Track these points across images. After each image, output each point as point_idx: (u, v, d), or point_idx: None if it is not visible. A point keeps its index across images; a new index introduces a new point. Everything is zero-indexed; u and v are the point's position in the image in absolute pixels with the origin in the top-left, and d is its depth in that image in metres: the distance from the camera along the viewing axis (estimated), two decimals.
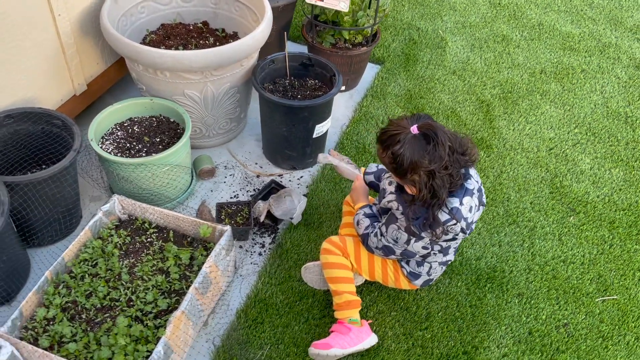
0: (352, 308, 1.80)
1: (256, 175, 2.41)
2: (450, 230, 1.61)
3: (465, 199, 1.60)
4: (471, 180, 1.64)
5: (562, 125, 2.77)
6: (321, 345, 1.75)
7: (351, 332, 1.77)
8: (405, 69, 3.03)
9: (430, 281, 1.88)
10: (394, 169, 1.57)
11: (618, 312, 1.99)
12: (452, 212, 1.58)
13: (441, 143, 1.50)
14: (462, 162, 1.57)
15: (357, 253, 1.87)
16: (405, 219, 1.65)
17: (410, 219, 1.63)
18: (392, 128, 1.56)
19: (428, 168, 1.51)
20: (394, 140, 1.53)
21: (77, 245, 1.86)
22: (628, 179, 2.51)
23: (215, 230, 1.91)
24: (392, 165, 1.57)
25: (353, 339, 1.76)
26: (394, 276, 1.86)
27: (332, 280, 1.85)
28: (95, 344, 1.62)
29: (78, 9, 2.15)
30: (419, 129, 1.52)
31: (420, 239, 1.67)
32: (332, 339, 1.76)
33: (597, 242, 2.23)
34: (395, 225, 1.69)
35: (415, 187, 1.56)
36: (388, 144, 1.55)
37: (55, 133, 2.02)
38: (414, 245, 1.69)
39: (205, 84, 2.15)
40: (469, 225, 1.63)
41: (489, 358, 1.84)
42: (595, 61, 3.22)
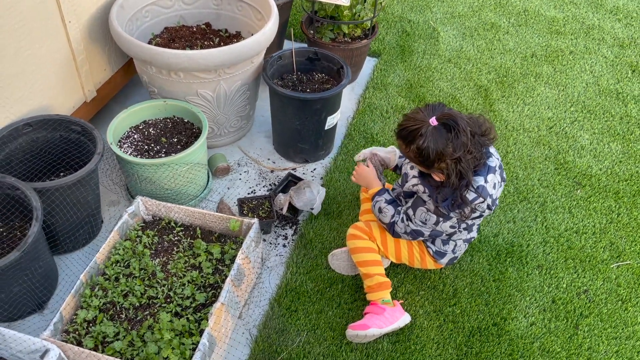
0: (383, 289, 1.85)
1: (270, 170, 2.44)
2: (478, 208, 1.67)
3: (489, 176, 1.66)
4: (492, 158, 1.70)
5: (558, 105, 2.87)
6: (359, 327, 1.79)
7: (385, 312, 1.81)
8: (402, 60, 3.10)
9: (455, 259, 1.94)
10: (420, 162, 1.63)
11: (633, 276, 2.08)
12: (478, 191, 1.64)
13: (462, 130, 1.56)
14: (483, 143, 1.63)
15: (383, 236, 1.92)
16: (433, 202, 1.70)
17: (438, 201, 1.68)
18: (411, 123, 1.60)
19: (453, 156, 1.56)
20: (415, 134, 1.58)
21: (107, 247, 1.87)
22: (626, 152, 2.62)
23: (242, 223, 1.94)
24: (419, 159, 1.62)
25: (388, 319, 1.81)
26: (419, 257, 1.91)
27: (361, 264, 1.89)
28: (140, 341, 1.64)
29: (86, 16, 2.16)
30: (438, 120, 1.57)
31: (448, 219, 1.72)
32: (368, 319, 1.81)
33: (605, 212, 2.32)
34: (424, 208, 1.74)
35: (443, 174, 1.62)
36: (410, 140, 1.60)
37: (73, 139, 2.03)
38: (442, 226, 1.75)
39: (218, 82, 2.18)
40: (494, 201, 1.69)
41: (518, 327, 1.90)
42: (581, 43, 3.34)
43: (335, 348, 1.81)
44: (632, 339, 1.89)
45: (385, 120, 2.70)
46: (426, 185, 1.72)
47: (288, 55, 2.42)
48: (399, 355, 1.81)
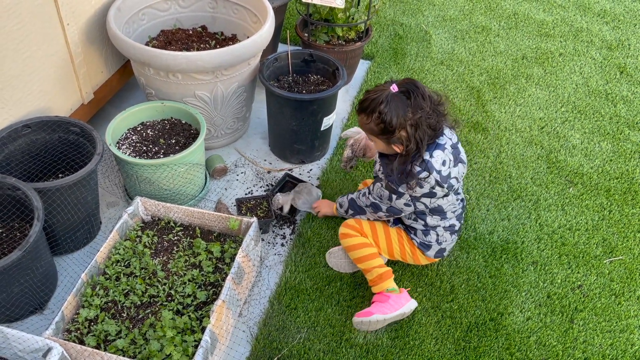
0: (385, 279, 1.88)
1: (267, 171, 2.46)
2: (425, 182, 1.70)
3: (436, 152, 1.70)
4: (443, 137, 1.74)
5: (549, 105, 2.92)
6: (363, 314, 1.83)
7: (390, 299, 1.84)
8: (395, 63, 3.14)
9: (444, 251, 1.94)
10: (381, 130, 1.66)
11: (626, 271, 2.12)
12: (422, 164, 1.69)
13: (421, 93, 1.63)
14: (439, 113, 1.68)
15: (374, 232, 1.94)
16: (385, 177, 1.77)
17: (387, 175, 1.75)
18: (372, 94, 1.67)
19: (412, 120, 1.62)
20: (377, 102, 1.64)
21: (107, 247, 1.87)
22: (616, 150, 2.67)
23: (242, 222, 1.96)
24: (380, 127, 1.65)
25: (393, 305, 1.84)
26: (410, 251, 1.94)
27: (358, 261, 1.92)
28: (142, 339, 1.65)
29: (84, 18, 2.17)
30: (399, 86, 1.64)
31: (399, 195, 1.77)
32: (373, 307, 1.85)
33: (597, 210, 2.36)
34: (379, 183, 1.84)
35: (402, 144, 1.66)
36: (372, 109, 1.65)
37: (72, 140, 2.04)
38: (396, 202, 1.80)
39: (215, 84, 2.20)
40: (445, 178, 1.71)
41: (514, 322, 1.93)
42: (570, 45, 3.40)
43: (335, 344, 1.83)
44: (626, 332, 1.93)
45: None
46: (382, 163, 1.80)
47: (284, 57, 2.45)
48: (398, 350, 1.83)
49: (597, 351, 1.87)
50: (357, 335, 1.86)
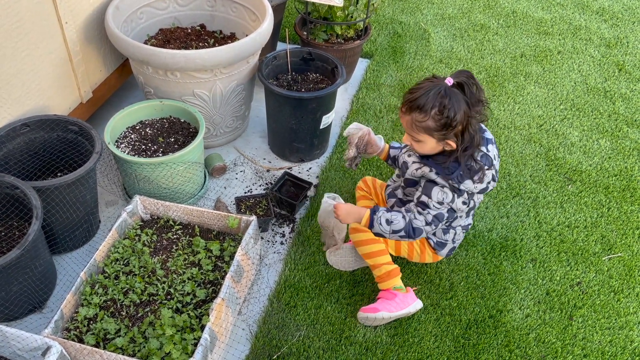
0: (393, 277, 1.88)
1: (266, 169, 2.46)
2: (485, 176, 1.69)
3: (489, 146, 1.72)
4: (487, 132, 1.75)
5: (548, 103, 2.92)
6: (369, 310, 1.83)
7: (397, 298, 1.85)
8: (394, 61, 3.14)
9: (454, 249, 1.96)
10: (442, 125, 1.59)
11: (624, 268, 2.13)
12: (484, 157, 1.69)
13: (475, 84, 1.60)
14: (484, 104, 1.66)
15: None
16: (444, 177, 1.68)
17: (448, 174, 1.67)
18: (423, 89, 1.58)
19: (469, 114, 1.59)
20: (435, 96, 1.56)
21: (106, 246, 1.87)
22: (615, 148, 2.67)
23: (241, 221, 1.96)
24: (440, 123, 1.58)
25: (399, 304, 1.84)
26: (419, 249, 1.94)
27: (367, 256, 1.91)
28: (141, 337, 1.65)
29: (82, 17, 2.17)
30: (454, 78, 1.59)
31: (460, 193, 1.72)
32: (379, 304, 1.85)
33: (596, 207, 2.36)
34: (437, 187, 1.71)
35: (457, 140, 1.62)
36: (432, 103, 1.57)
37: (70, 139, 2.04)
38: (457, 202, 1.73)
39: (214, 82, 2.20)
40: (497, 173, 1.74)
41: (513, 319, 1.94)
42: (569, 43, 3.40)
43: (335, 342, 1.83)
44: (625, 329, 1.93)
45: (379, 119, 2.74)
46: (432, 164, 1.71)
47: (283, 55, 2.45)
48: (397, 347, 1.83)
49: (596, 348, 1.87)
50: (356, 333, 1.86)
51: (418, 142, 1.69)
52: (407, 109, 1.63)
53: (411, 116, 1.62)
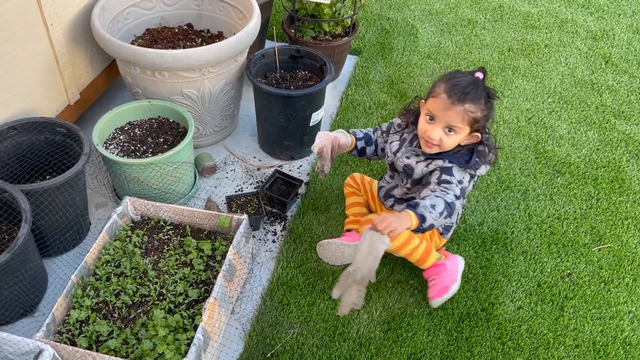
0: (430, 252, 1.92)
1: (257, 168, 2.46)
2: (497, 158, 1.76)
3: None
4: None
5: (536, 97, 2.94)
6: (441, 292, 1.88)
7: (447, 264, 1.91)
8: (383, 57, 3.15)
9: (455, 231, 2.04)
10: (485, 116, 1.64)
11: (614, 258, 2.15)
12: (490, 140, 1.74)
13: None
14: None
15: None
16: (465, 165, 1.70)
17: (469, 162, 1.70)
18: (465, 78, 1.62)
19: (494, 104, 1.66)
20: (481, 87, 1.61)
21: (97, 248, 1.86)
22: (603, 139, 2.69)
23: (232, 220, 1.96)
24: (485, 113, 1.63)
25: (453, 268, 1.92)
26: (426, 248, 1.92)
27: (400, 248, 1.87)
28: (134, 338, 1.64)
29: (68, 18, 2.16)
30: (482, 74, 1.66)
31: (472, 177, 1.76)
32: (441, 280, 1.90)
33: (585, 198, 2.38)
34: (456, 167, 1.70)
35: (482, 132, 1.68)
36: (480, 93, 1.61)
37: (58, 141, 2.03)
38: (469, 185, 1.78)
39: (202, 81, 2.19)
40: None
41: (505, 312, 1.95)
42: (556, 36, 3.42)
43: (329, 339, 1.84)
44: (616, 319, 1.95)
45: (368, 115, 2.74)
46: (445, 156, 1.71)
47: (271, 53, 2.44)
48: (391, 343, 1.84)
49: (588, 338, 1.89)
50: (350, 329, 1.87)
51: (451, 136, 1.65)
52: (459, 100, 1.59)
53: (464, 107, 1.59)
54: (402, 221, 1.53)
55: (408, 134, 1.88)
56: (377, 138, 2.00)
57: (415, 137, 1.83)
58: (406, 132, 1.89)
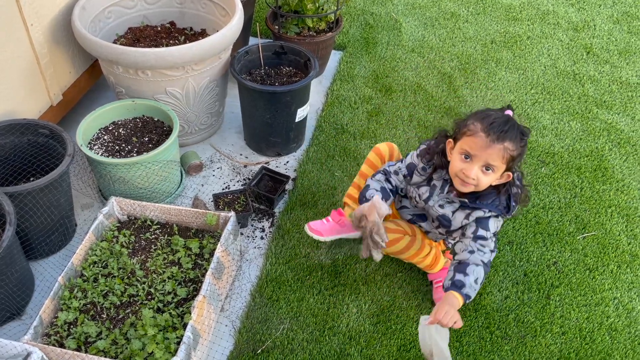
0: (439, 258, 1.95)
1: (243, 165, 2.46)
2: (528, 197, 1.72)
3: None
4: None
5: (519, 88, 2.96)
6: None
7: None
8: (367, 52, 3.15)
9: None
10: (520, 154, 1.56)
11: (599, 246, 2.18)
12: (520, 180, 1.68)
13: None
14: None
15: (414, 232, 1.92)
16: (501, 213, 1.65)
17: (506, 213, 1.65)
18: (499, 117, 1.54)
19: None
20: (516, 125, 1.55)
21: (83, 249, 1.85)
22: (585, 129, 2.73)
23: (219, 217, 1.95)
24: (520, 152, 1.56)
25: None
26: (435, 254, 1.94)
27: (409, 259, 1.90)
28: (123, 338, 1.64)
29: (48, 18, 2.13)
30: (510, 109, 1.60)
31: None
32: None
33: (569, 187, 2.41)
34: (491, 219, 1.66)
35: (513, 170, 1.60)
36: (518, 132, 1.54)
37: (41, 143, 2.01)
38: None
39: (186, 79, 2.18)
40: None
41: (493, 301, 1.97)
42: (538, 28, 3.45)
43: (319, 333, 1.85)
44: (601, 305, 1.98)
45: (354, 110, 2.75)
46: (484, 206, 1.64)
47: (255, 50, 2.44)
48: (380, 335, 1.85)
49: (574, 325, 1.92)
50: (339, 323, 1.88)
51: (488, 174, 1.57)
52: (498, 138, 1.51)
53: (503, 145, 1.51)
54: (455, 306, 1.57)
55: (437, 180, 1.73)
56: (395, 184, 1.85)
57: (446, 183, 1.70)
58: (435, 177, 1.74)
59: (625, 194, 2.39)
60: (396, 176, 1.83)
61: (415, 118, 2.72)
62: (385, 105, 2.79)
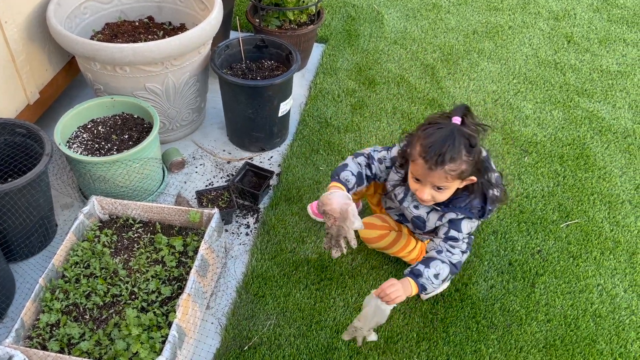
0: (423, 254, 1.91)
1: (226, 161, 2.43)
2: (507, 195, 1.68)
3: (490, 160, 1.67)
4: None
5: (501, 78, 2.97)
6: None
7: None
8: (350, 44, 3.14)
9: None
10: (472, 164, 1.50)
11: (582, 234, 2.19)
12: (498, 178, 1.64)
13: (471, 112, 1.53)
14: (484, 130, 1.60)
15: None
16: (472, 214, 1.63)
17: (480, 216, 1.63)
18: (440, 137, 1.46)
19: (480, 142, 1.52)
20: (460, 143, 1.46)
21: (64, 250, 1.82)
22: (567, 118, 2.74)
23: (202, 214, 1.93)
24: (471, 163, 1.49)
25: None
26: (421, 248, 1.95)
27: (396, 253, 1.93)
28: (107, 339, 1.61)
29: (23, 15, 2.09)
30: (461, 116, 1.50)
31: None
32: None
33: (552, 176, 2.43)
34: (466, 220, 1.66)
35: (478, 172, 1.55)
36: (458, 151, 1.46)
37: (18, 142, 1.97)
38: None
39: (166, 75, 2.15)
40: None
41: (479, 291, 1.98)
42: (519, 18, 3.46)
43: (306, 328, 1.84)
44: (585, 292, 2.00)
45: (337, 104, 2.73)
46: (457, 210, 1.63)
47: (235, 44, 2.41)
48: None
49: (559, 312, 1.93)
50: (326, 317, 1.87)
51: (442, 192, 1.56)
52: (436, 163, 1.47)
53: (444, 169, 1.47)
54: (406, 290, 1.61)
55: None
56: (375, 172, 1.79)
57: None
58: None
59: (607, 182, 2.41)
60: (379, 164, 1.78)
61: (399, 110, 2.71)
62: (369, 98, 2.78)
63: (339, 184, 1.68)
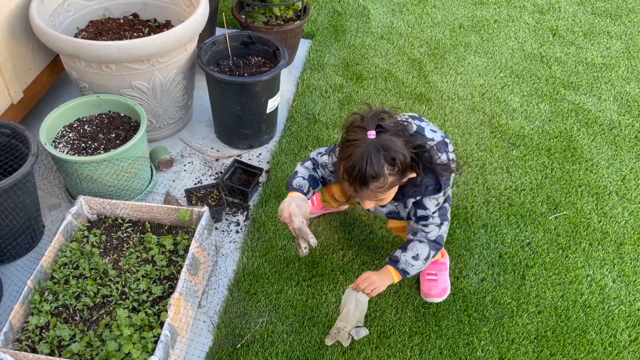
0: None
1: (215, 159, 2.41)
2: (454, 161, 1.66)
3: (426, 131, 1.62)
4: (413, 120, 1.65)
5: (488, 72, 2.98)
6: (441, 293, 1.91)
7: (446, 263, 1.98)
8: (336, 40, 3.13)
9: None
10: (400, 172, 1.48)
11: (570, 225, 2.21)
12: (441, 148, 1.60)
13: (388, 115, 1.49)
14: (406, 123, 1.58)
15: None
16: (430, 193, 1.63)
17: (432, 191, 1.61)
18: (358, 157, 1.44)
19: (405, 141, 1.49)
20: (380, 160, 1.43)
21: (52, 251, 1.80)
22: (554, 110, 2.76)
23: (192, 213, 1.92)
24: (397, 171, 1.47)
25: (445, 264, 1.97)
26: None
27: None
28: (98, 340, 1.60)
29: (5, 13, 2.05)
30: (375, 129, 1.46)
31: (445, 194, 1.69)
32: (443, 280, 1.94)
33: (540, 169, 2.45)
34: (426, 198, 1.65)
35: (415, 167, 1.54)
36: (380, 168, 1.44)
37: (3, 143, 1.93)
38: (448, 191, 1.70)
39: (152, 72, 2.13)
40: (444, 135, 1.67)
41: (470, 284, 1.99)
42: (504, 11, 3.48)
43: (298, 324, 1.83)
44: (575, 283, 2.02)
45: (325, 99, 2.73)
46: (409, 197, 1.64)
47: (222, 40, 2.39)
48: None
49: (549, 304, 1.95)
50: (319, 313, 1.87)
51: (382, 200, 1.58)
52: (361, 185, 1.47)
53: (369, 189, 1.48)
54: (384, 280, 1.68)
55: None
56: (322, 175, 1.80)
57: None
58: None
59: (594, 173, 2.43)
60: (323, 169, 1.78)
61: (387, 105, 2.71)
62: (357, 94, 2.78)
63: (295, 192, 1.72)
